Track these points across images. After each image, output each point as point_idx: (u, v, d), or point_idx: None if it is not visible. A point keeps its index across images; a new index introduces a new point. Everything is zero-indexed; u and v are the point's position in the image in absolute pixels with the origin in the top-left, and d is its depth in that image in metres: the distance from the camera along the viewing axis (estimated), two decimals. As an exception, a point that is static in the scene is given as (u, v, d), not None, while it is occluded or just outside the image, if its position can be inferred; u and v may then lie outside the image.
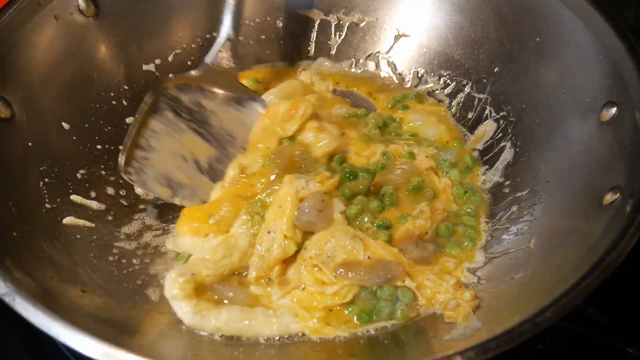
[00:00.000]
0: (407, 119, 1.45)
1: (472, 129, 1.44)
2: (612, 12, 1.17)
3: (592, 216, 1.03)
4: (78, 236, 1.16)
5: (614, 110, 1.11)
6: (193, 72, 1.32)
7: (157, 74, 1.45)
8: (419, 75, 1.54)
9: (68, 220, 1.17)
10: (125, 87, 1.40)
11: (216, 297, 1.11)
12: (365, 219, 1.17)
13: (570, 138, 1.21)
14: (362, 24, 1.57)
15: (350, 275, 1.08)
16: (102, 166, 1.30)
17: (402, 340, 1.05)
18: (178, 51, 1.50)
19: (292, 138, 1.30)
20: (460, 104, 1.47)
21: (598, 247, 0.92)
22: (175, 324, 1.07)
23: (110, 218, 1.24)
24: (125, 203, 1.29)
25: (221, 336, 1.06)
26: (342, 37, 1.58)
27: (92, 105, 1.34)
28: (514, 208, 1.24)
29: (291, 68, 1.59)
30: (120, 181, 1.29)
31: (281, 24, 1.57)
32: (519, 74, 1.38)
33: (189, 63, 1.50)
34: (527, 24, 1.35)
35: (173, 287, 1.07)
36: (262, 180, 1.23)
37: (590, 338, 1.15)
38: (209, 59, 1.35)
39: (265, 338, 1.06)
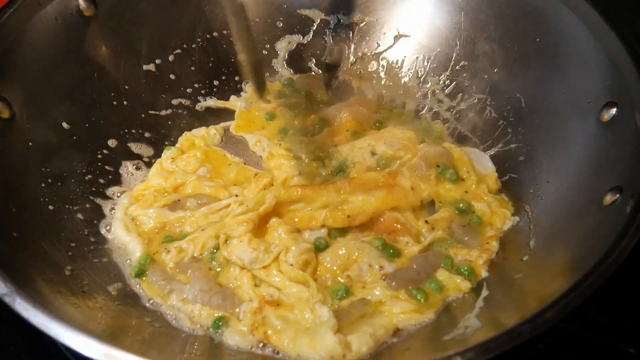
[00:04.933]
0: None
1: (472, 129, 1.44)
2: (612, 13, 1.17)
3: (592, 216, 1.04)
4: (79, 237, 1.17)
5: (614, 110, 1.11)
6: None
7: (157, 73, 1.45)
8: (419, 75, 1.54)
9: (69, 219, 1.17)
10: (126, 87, 1.40)
11: None
12: None
13: (570, 138, 1.21)
14: (362, 24, 1.57)
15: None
16: (102, 166, 1.30)
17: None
18: (178, 51, 1.50)
19: None
20: (461, 104, 1.47)
21: (598, 247, 0.92)
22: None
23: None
24: (125, 203, 1.28)
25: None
26: (342, 37, 1.59)
27: (92, 105, 1.34)
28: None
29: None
30: (122, 182, 1.30)
31: (281, 24, 1.58)
32: (519, 74, 1.37)
33: (190, 65, 1.50)
34: (527, 24, 1.35)
35: None
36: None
37: (590, 338, 1.15)
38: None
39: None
